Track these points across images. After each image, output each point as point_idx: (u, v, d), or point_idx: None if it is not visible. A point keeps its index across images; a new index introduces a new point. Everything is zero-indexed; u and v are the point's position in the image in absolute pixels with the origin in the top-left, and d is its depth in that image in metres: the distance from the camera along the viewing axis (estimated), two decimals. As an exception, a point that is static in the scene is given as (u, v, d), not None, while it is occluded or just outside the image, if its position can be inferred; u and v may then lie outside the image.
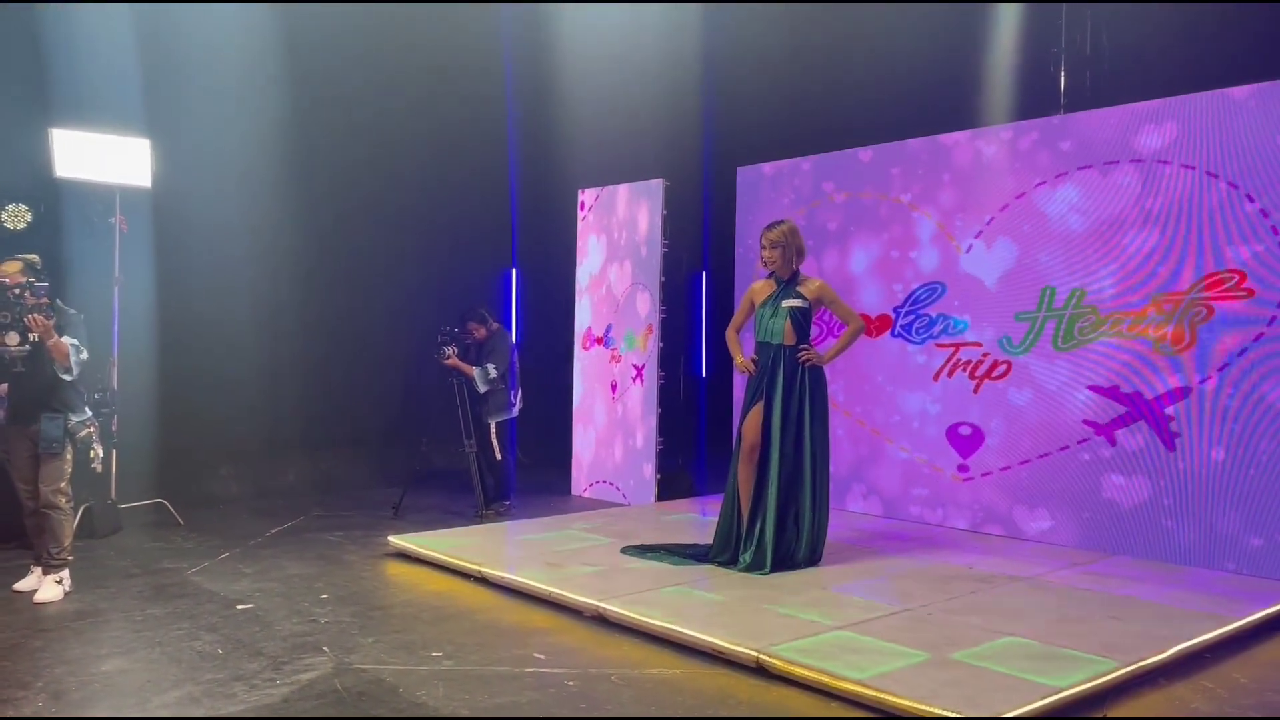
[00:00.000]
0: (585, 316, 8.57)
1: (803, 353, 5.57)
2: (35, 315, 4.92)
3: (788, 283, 5.62)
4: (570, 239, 8.79)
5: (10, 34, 6.85)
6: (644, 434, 7.94)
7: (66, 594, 5.13)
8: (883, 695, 3.64)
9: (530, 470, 8.46)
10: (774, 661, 4.00)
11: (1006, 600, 4.94)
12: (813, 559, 5.59)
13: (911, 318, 7.07)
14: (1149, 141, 5.96)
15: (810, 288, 5.63)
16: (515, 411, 7.75)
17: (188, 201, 7.59)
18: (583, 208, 8.66)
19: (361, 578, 5.69)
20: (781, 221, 5.71)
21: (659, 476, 7.85)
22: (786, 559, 5.50)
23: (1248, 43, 6.67)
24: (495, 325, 7.81)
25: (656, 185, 7.94)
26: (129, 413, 7.07)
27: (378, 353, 9.10)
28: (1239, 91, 5.62)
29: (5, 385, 5.14)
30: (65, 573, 5.18)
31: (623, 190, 8.27)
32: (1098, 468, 6.13)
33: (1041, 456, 6.38)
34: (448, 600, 5.26)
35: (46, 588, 5.10)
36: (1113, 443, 6.07)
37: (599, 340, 8.42)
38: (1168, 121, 5.88)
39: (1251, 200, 5.55)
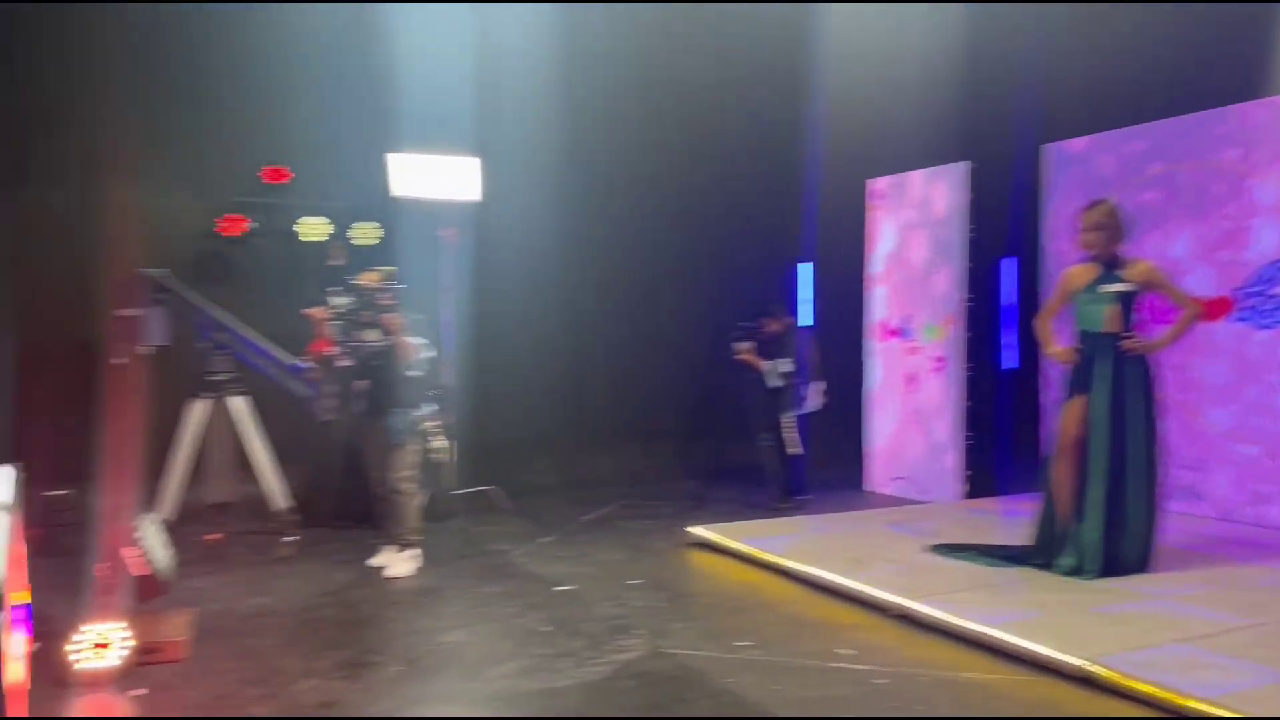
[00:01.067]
0: (880, 307, 8.38)
1: (1127, 340, 5.13)
2: (391, 316, 5.57)
3: (1109, 266, 5.20)
4: (863, 229, 8.62)
5: (353, 69, 7.71)
6: (946, 428, 7.65)
7: (414, 571, 5.73)
8: (1238, 716, 3.28)
9: (826, 466, 8.39)
10: (1104, 673, 3.73)
11: (1388, 620, 4.31)
12: (1142, 564, 5.15)
13: (1257, 299, 6.31)
14: None
15: (1136, 270, 5.18)
16: (812, 406, 7.71)
17: (508, 212, 8.20)
18: (875, 196, 8.47)
19: (668, 566, 5.91)
20: (1102, 200, 5.30)
21: (966, 473, 7.53)
22: (1112, 563, 5.10)
23: None
24: (789, 319, 7.82)
25: (960, 169, 7.61)
26: (459, 408, 7.75)
27: (675, 350, 9.39)
28: None
29: (366, 382, 5.80)
30: (412, 552, 5.79)
31: (919, 176, 8.01)
32: None
33: None
34: (751, 591, 5.35)
35: (396, 565, 5.71)
36: None
37: (894, 332, 8.20)
38: None
39: None
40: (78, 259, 6.73)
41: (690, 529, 6.48)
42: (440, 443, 7.03)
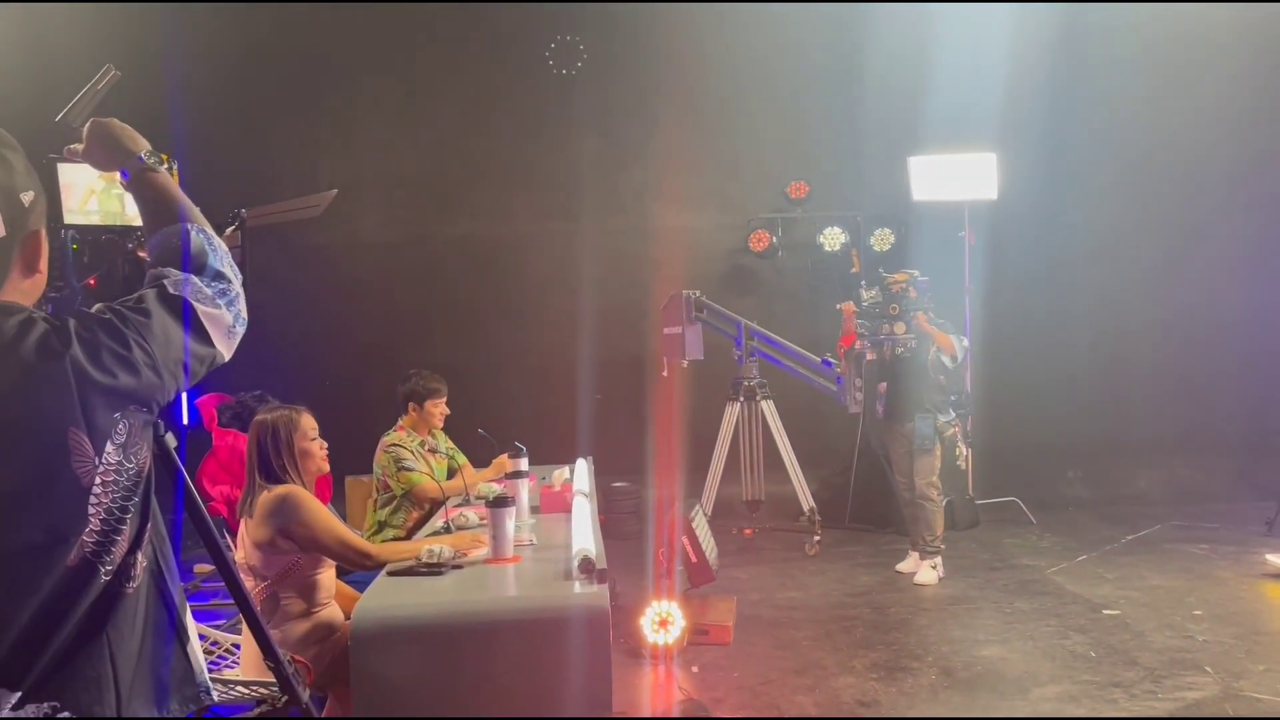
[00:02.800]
0: None
1: None
2: (921, 312, 5.55)
3: None
4: None
5: (871, 76, 7.80)
6: None
7: (940, 579, 5.62)
8: None
9: None
10: None
11: None
12: None
13: None
14: None
15: None
16: None
17: (1027, 209, 7.76)
18: None
19: (1238, 597, 5.15)
20: None
21: None
22: None
23: None
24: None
25: None
26: (981, 413, 7.48)
27: (1238, 352, 8.14)
28: None
29: (884, 384, 5.83)
30: (938, 559, 5.69)
31: None
32: None
33: None
34: (1357, 637, 4.46)
35: (924, 571, 5.65)
36: None
37: None
38: None
39: None
40: (634, 280, 7.64)
41: (1269, 557, 5.57)
42: (962, 449, 6.83)
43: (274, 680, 2.07)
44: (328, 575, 3.22)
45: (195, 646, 1.53)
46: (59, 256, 2.13)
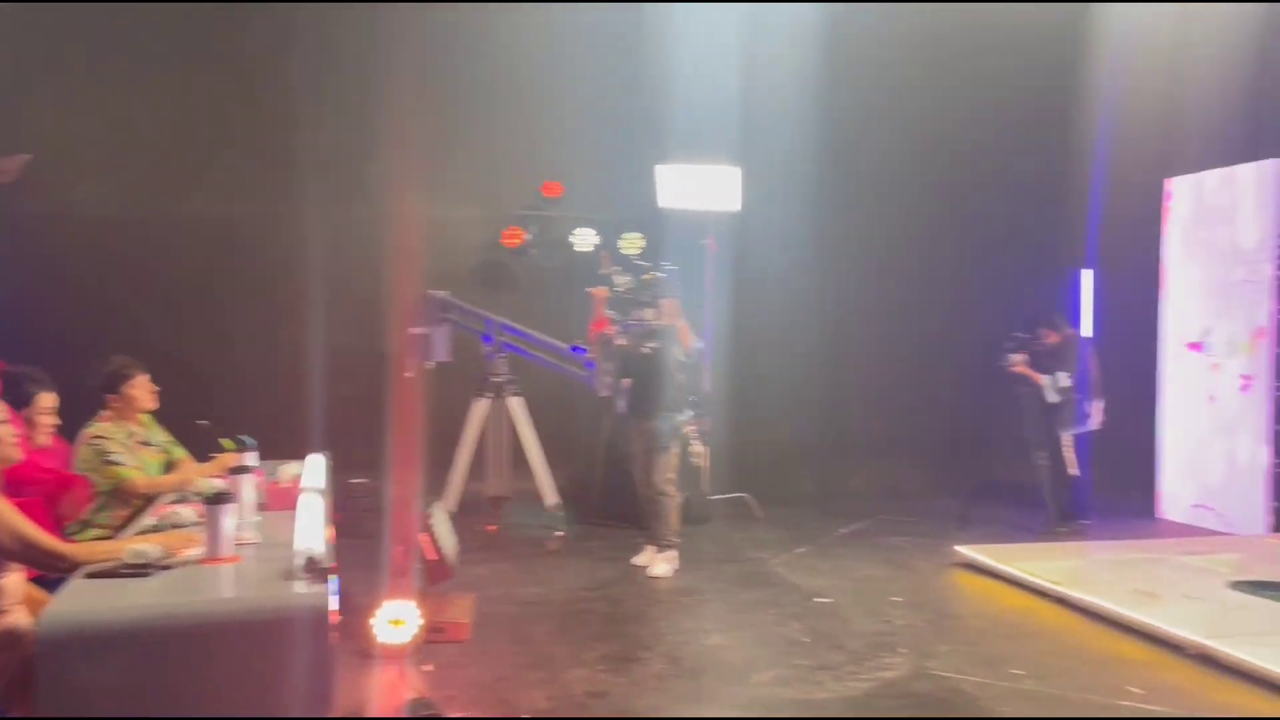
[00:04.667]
0: (1175, 320, 7.68)
1: None
2: (669, 299, 5.74)
3: None
4: (1155, 234, 7.94)
5: (623, 83, 8.00)
6: (1254, 454, 6.88)
7: (674, 572, 5.85)
8: None
9: (1109, 489, 7.78)
10: None
11: None
12: None
13: None
14: None
15: None
16: (1092, 424, 7.18)
17: (768, 221, 8.22)
18: (1172, 198, 7.78)
19: (931, 585, 5.70)
20: None
21: (1276, 505, 6.75)
22: None
23: None
24: (1068, 331, 7.32)
25: (1270, 166, 6.86)
26: (716, 414, 7.85)
27: (938, 360, 9.03)
28: None
29: (628, 381, 5.99)
30: (673, 553, 5.92)
31: (1223, 175, 7.27)
32: None
33: None
34: (1024, 617, 5.05)
35: (658, 565, 5.86)
36: None
37: (1193, 346, 7.48)
38: None
39: None
40: (379, 270, 7.40)
41: (958, 548, 6.21)
42: (698, 447, 7.15)
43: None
44: (13, 579, 2.91)
45: None
46: None
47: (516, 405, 6.64)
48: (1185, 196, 7.64)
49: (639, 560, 6.04)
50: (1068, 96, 8.83)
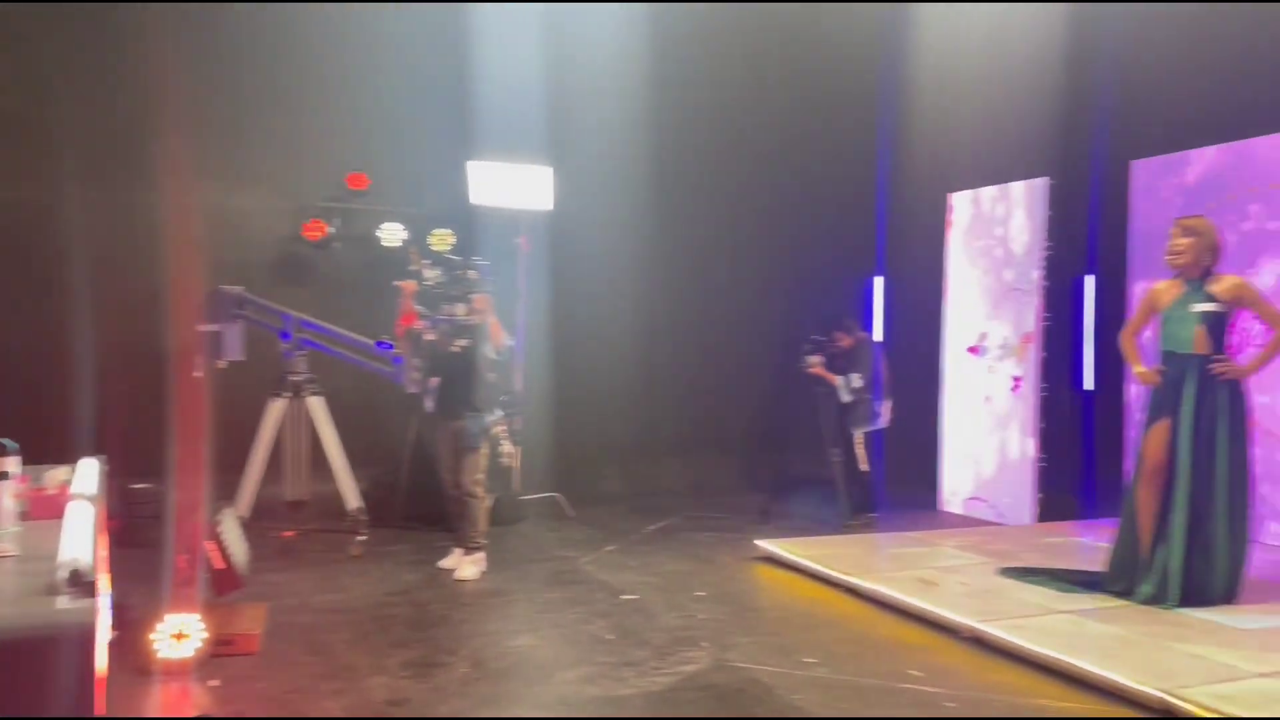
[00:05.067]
0: (956, 324, 8.25)
1: (1218, 363, 4.96)
2: (481, 293, 5.63)
3: (1197, 283, 5.04)
4: (939, 244, 8.50)
5: (440, 78, 7.85)
6: (1022, 449, 7.48)
7: (482, 574, 5.78)
8: (1329, 759, 3.16)
9: (896, 483, 8.28)
10: (1185, 705, 3.60)
11: None
12: (1228, 595, 4.97)
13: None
14: None
15: (1225, 286, 4.99)
16: (882, 423, 7.62)
17: (579, 222, 8.26)
18: (953, 211, 8.35)
19: (734, 579, 5.88)
20: (1196, 215, 5.17)
21: (1039, 496, 7.36)
22: (1195, 593, 4.93)
23: None
24: (861, 334, 7.75)
25: (1039, 184, 7.47)
26: (529, 413, 7.83)
27: (745, 361, 9.35)
28: None
29: (436, 379, 5.86)
30: (481, 555, 5.85)
31: (998, 191, 7.87)
32: None
33: None
34: (818, 607, 5.29)
35: (466, 567, 5.78)
36: None
37: (972, 350, 8.06)
38: None
39: None
40: (164, 260, 6.94)
41: (757, 542, 6.44)
42: (508, 447, 7.10)
43: None
44: None
45: None
46: None
47: (316, 405, 6.38)
48: (965, 209, 8.20)
49: (446, 563, 5.93)
50: (868, 109, 9.35)
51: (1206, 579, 4.95)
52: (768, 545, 6.33)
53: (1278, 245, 6.50)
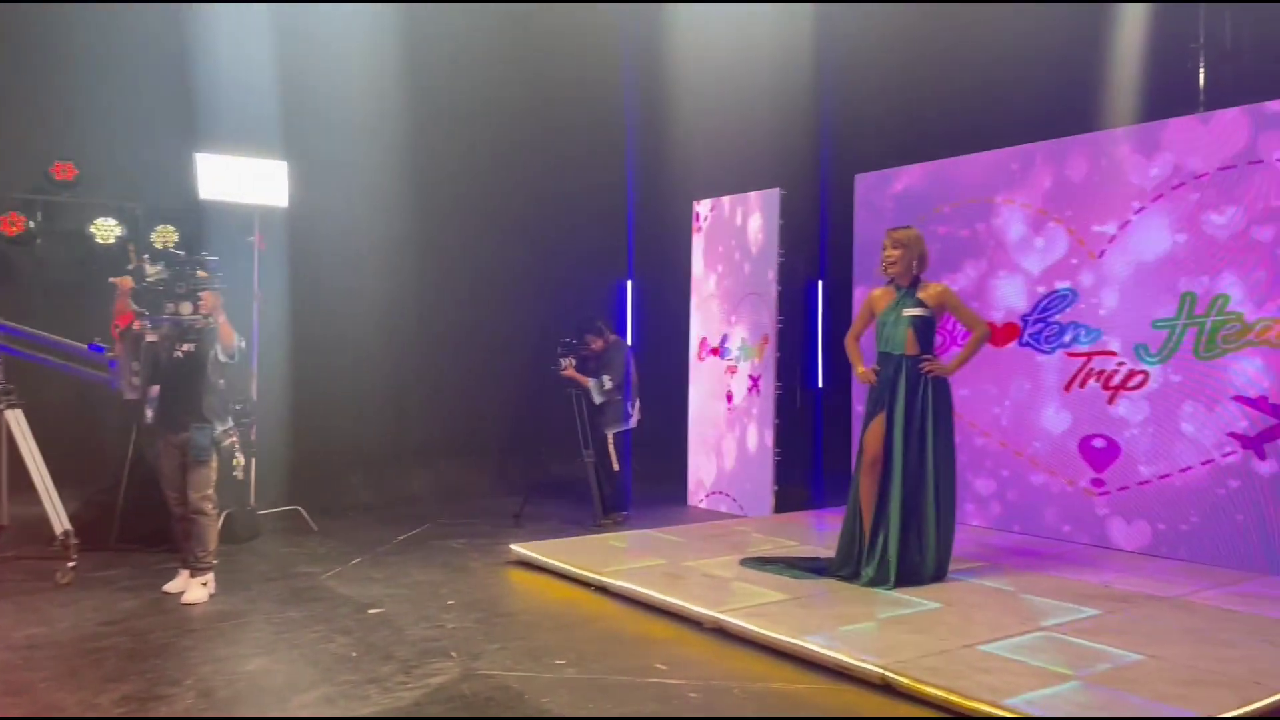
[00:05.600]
0: (700, 327, 8.58)
1: (926, 363, 5.44)
2: (209, 291, 5.19)
3: (908, 290, 5.50)
4: (685, 250, 8.82)
5: (160, 64, 7.27)
6: (760, 446, 7.89)
7: (211, 596, 5.39)
8: (1019, 718, 3.52)
9: (646, 481, 8.50)
10: (901, 679, 3.91)
11: (1147, 622, 4.72)
12: (938, 574, 5.45)
13: (1040, 326, 6.84)
14: (1299, 138, 5.63)
15: (931, 293, 5.49)
16: (633, 423, 7.80)
17: (320, 220, 7.91)
18: (697, 219, 8.68)
19: (485, 585, 5.81)
20: (905, 226, 5.63)
21: (776, 489, 7.78)
22: (910, 574, 5.38)
23: None
24: (612, 337, 7.89)
25: (773, 194, 7.90)
26: (266, 422, 7.40)
27: (497, 365, 9.29)
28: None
29: (157, 388, 5.39)
30: (210, 575, 5.44)
31: (737, 200, 8.26)
32: (1245, 482, 5.81)
33: (1183, 470, 6.08)
34: (569, 608, 5.32)
35: (193, 590, 5.36)
36: (1262, 456, 5.74)
37: (714, 351, 8.41)
38: (1320, 116, 5.55)
39: None
40: None
41: (512, 546, 6.40)
42: (240, 458, 6.66)
43: None
44: None
45: None
46: None
47: (14, 418, 5.71)
48: (708, 216, 8.55)
49: (172, 587, 5.48)
50: (618, 115, 9.55)
51: (919, 561, 5.42)
52: (520, 549, 6.31)
53: (972, 251, 7.22)
